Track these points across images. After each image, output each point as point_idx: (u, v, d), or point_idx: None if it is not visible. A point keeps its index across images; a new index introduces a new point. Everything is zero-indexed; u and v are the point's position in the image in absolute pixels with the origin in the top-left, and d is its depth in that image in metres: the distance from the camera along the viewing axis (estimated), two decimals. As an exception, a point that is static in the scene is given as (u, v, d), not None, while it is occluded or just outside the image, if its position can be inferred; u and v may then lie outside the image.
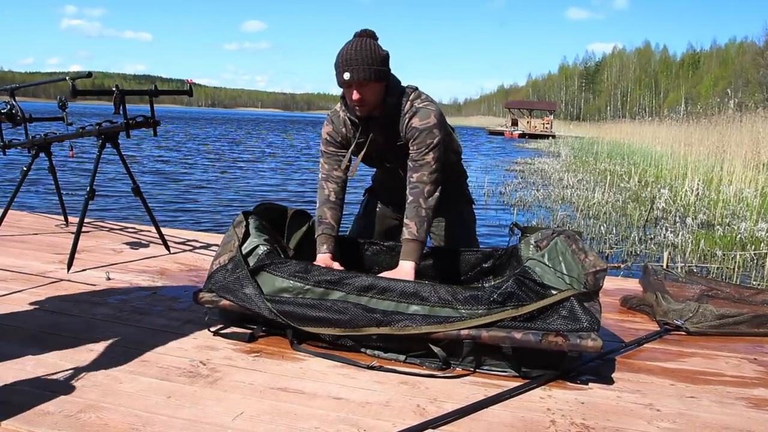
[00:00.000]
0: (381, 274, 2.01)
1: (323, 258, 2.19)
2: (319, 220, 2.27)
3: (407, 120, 2.17)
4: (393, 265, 2.31)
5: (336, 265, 2.16)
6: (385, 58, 2.13)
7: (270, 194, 9.44)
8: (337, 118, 2.30)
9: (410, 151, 2.18)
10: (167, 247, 3.15)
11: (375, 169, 2.59)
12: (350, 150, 2.28)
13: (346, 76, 2.07)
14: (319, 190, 2.31)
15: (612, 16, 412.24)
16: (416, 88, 2.23)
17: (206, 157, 16.08)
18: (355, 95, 2.10)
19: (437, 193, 2.17)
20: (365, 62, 2.07)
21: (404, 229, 2.14)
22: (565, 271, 1.85)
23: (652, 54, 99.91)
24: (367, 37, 2.13)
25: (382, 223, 2.59)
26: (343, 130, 2.28)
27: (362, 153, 2.24)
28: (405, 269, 2.07)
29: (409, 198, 2.16)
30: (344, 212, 2.33)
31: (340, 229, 2.49)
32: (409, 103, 2.18)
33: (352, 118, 2.23)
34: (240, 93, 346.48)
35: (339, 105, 2.31)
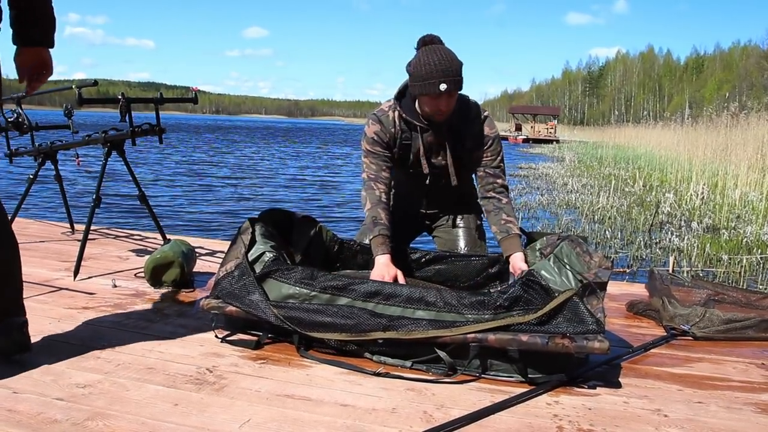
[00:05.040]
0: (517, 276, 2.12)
1: (384, 259, 2.16)
2: (374, 221, 2.23)
3: (478, 126, 2.28)
4: (401, 269, 2.31)
5: (393, 270, 2.14)
6: None
7: (278, 202, 9.44)
8: (386, 118, 2.29)
9: (485, 158, 2.32)
10: (173, 254, 3.15)
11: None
12: (395, 150, 2.32)
13: (443, 87, 2.07)
14: (369, 190, 2.28)
15: (613, 21, 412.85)
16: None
17: (211, 164, 16.12)
18: (446, 105, 2.14)
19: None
20: (459, 73, 2.10)
21: (510, 225, 2.28)
22: (570, 274, 1.85)
23: (656, 58, 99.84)
24: (440, 44, 2.15)
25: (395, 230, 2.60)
26: (392, 130, 2.29)
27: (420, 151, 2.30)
28: (519, 259, 2.22)
29: (503, 200, 2.34)
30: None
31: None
32: (476, 109, 2.29)
33: (408, 119, 2.25)
34: (244, 100, 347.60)
35: (387, 105, 2.32)
